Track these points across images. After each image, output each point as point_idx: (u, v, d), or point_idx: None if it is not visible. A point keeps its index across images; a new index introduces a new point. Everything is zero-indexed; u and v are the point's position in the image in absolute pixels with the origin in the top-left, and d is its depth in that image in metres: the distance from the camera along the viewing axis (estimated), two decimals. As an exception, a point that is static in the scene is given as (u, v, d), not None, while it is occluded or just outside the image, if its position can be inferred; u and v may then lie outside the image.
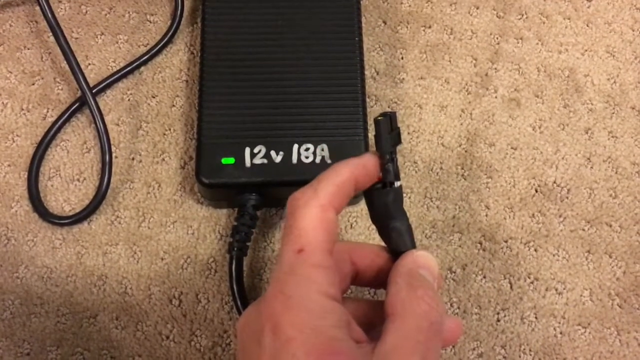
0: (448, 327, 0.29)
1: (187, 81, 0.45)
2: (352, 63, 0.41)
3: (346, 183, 0.28)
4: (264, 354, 0.25)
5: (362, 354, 0.25)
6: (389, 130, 0.29)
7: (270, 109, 0.40)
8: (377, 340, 0.26)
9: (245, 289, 0.39)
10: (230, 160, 0.38)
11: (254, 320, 0.26)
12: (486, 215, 0.42)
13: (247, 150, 0.39)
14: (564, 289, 0.41)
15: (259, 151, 0.39)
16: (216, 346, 0.39)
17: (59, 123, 0.43)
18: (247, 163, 0.38)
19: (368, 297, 0.40)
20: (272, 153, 0.39)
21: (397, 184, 0.30)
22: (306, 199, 0.27)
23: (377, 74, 0.46)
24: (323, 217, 0.27)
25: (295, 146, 0.39)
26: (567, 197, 0.43)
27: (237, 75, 0.41)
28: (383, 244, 0.31)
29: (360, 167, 0.29)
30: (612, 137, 0.45)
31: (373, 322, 0.29)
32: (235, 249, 0.39)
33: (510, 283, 0.41)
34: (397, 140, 0.30)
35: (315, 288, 0.26)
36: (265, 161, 0.38)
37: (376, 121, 0.30)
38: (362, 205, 0.42)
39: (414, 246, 0.30)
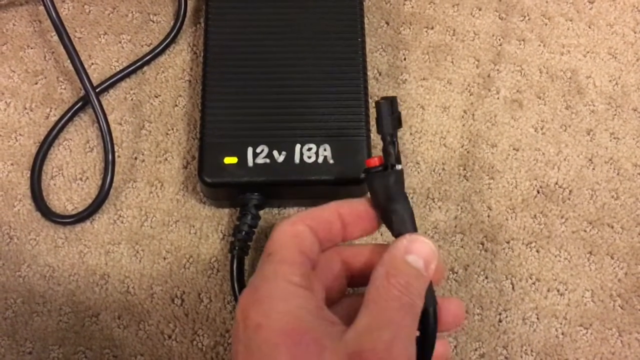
0: (447, 309, 0.30)
1: (190, 81, 0.45)
2: (355, 64, 0.41)
3: (327, 212, 0.30)
4: (240, 344, 0.27)
5: (331, 332, 0.26)
6: (390, 113, 0.30)
7: (272, 108, 0.40)
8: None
9: (247, 288, 0.39)
10: (233, 160, 0.38)
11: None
12: (488, 216, 0.42)
13: (250, 150, 0.39)
14: (565, 289, 0.41)
15: (262, 151, 0.39)
16: (218, 345, 0.39)
17: (62, 122, 0.43)
18: (250, 163, 0.38)
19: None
20: (275, 153, 0.39)
21: (398, 167, 0.30)
22: (281, 221, 0.30)
23: (380, 74, 0.46)
24: (291, 229, 0.29)
25: (298, 146, 0.39)
26: (569, 198, 0.43)
27: (240, 75, 0.41)
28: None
29: (346, 206, 0.31)
30: (614, 138, 0.45)
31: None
32: (237, 248, 0.39)
33: (512, 284, 0.41)
34: (398, 123, 0.31)
35: (280, 277, 0.27)
36: (268, 161, 0.38)
37: (377, 103, 0.31)
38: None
39: (414, 229, 0.30)
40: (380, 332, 0.26)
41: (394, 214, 0.30)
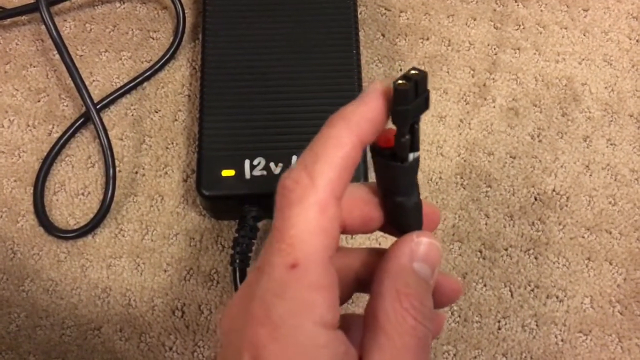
0: (445, 285, 0.26)
1: (189, 96, 0.46)
2: (350, 75, 0.42)
3: (350, 157, 0.22)
4: None
5: None
6: (413, 99, 0.23)
7: (269, 121, 0.40)
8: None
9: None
10: (230, 173, 0.39)
11: (238, 330, 0.23)
12: (486, 224, 0.42)
13: (247, 163, 0.39)
14: (564, 296, 0.41)
15: (259, 163, 0.39)
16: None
17: (64, 138, 0.44)
18: (247, 175, 0.39)
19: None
20: (272, 165, 0.39)
21: (412, 156, 0.24)
22: (300, 192, 0.22)
23: (376, 85, 0.46)
24: (323, 218, 0.22)
25: (294, 157, 0.39)
26: (567, 205, 0.43)
27: (237, 88, 0.41)
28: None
29: (366, 124, 0.23)
30: (611, 144, 0.45)
31: (369, 277, 0.26)
32: (238, 260, 0.39)
33: (511, 291, 0.41)
34: (423, 107, 0.23)
35: (310, 317, 0.21)
36: (265, 173, 0.39)
37: (396, 90, 0.22)
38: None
39: (419, 227, 0.25)
40: None
41: (397, 207, 0.25)
